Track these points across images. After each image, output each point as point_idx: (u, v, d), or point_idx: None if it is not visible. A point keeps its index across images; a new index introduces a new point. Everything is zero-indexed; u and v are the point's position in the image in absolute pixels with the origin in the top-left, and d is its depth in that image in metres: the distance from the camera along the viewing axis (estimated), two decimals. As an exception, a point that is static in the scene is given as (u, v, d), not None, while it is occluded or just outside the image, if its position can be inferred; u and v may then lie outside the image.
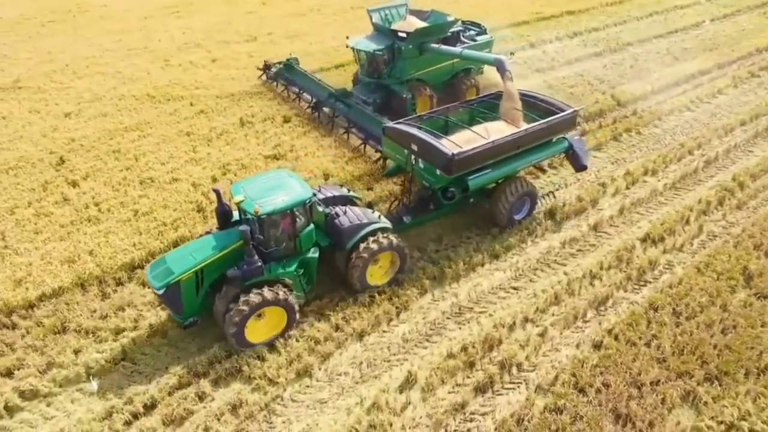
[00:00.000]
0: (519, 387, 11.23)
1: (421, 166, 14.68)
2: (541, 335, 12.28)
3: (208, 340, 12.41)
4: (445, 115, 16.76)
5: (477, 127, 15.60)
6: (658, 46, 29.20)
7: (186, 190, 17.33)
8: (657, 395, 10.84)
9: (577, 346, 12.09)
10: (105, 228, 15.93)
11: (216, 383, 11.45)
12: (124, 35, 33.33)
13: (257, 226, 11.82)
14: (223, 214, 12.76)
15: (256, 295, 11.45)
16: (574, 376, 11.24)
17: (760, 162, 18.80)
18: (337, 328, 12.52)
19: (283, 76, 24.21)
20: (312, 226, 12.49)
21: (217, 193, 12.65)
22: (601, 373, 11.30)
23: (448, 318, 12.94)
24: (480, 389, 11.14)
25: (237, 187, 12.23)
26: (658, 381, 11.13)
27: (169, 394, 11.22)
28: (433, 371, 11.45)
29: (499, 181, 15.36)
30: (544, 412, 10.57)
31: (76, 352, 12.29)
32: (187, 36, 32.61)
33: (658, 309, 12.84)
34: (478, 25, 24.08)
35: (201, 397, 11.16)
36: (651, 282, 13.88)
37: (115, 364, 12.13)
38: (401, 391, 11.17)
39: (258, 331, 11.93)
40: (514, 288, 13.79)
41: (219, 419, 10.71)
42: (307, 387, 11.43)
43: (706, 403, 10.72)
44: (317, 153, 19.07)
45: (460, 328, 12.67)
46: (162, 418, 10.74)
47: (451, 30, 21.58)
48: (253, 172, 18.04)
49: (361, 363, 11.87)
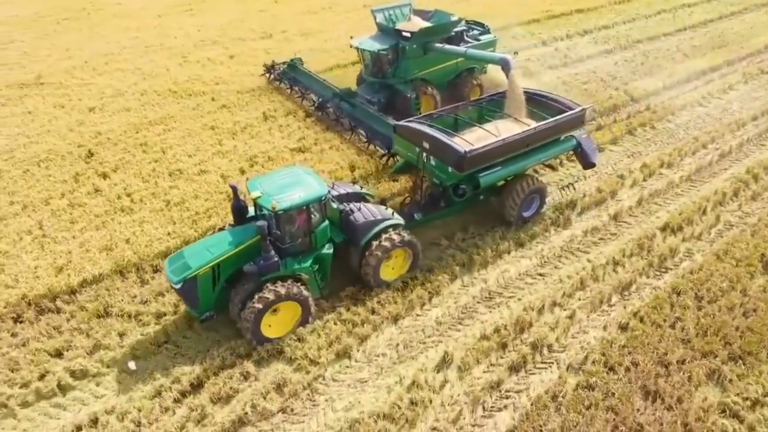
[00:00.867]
0: (551, 366, 11.72)
1: (432, 163, 14.87)
2: (570, 318, 12.77)
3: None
4: (455, 113, 16.91)
5: (487, 125, 15.83)
6: (667, 44, 29.70)
7: (215, 182, 17.80)
8: (683, 373, 11.32)
9: (605, 328, 12.58)
10: (139, 218, 16.39)
11: (258, 364, 11.91)
12: (140, 33, 33.79)
13: (274, 222, 11.96)
14: (238, 210, 12.84)
15: (272, 291, 11.64)
16: (603, 355, 11.73)
17: (773, 155, 19.32)
18: (372, 312, 12.99)
19: (288, 76, 24.30)
20: (327, 223, 12.65)
21: (234, 188, 12.84)
22: (629, 352, 11.79)
23: (478, 302, 13.42)
24: (514, 368, 11.63)
25: (253, 183, 12.37)
26: (684, 360, 11.62)
27: (215, 374, 11.66)
28: (467, 351, 11.94)
29: (508, 179, 15.56)
30: (576, 389, 11.07)
31: (121, 335, 12.75)
32: (203, 33, 33.08)
33: (680, 293, 13.33)
34: (482, 24, 24.09)
35: (245, 377, 11.62)
36: (672, 269, 14.37)
37: (158, 346, 12.58)
38: (438, 371, 11.66)
39: (273, 326, 12.14)
40: (541, 274, 14.28)
41: (265, 397, 11.16)
42: (347, 367, 11.90)
43: (731, 380, 11.21)
44: (341, 146, 19.52)
45: (491, 312, 13.16)
46: (210, 396, 11.20)
47: (455, 29, 21.67)
48: (280, 165, 18.53)
49: (397, 345, 12.35)
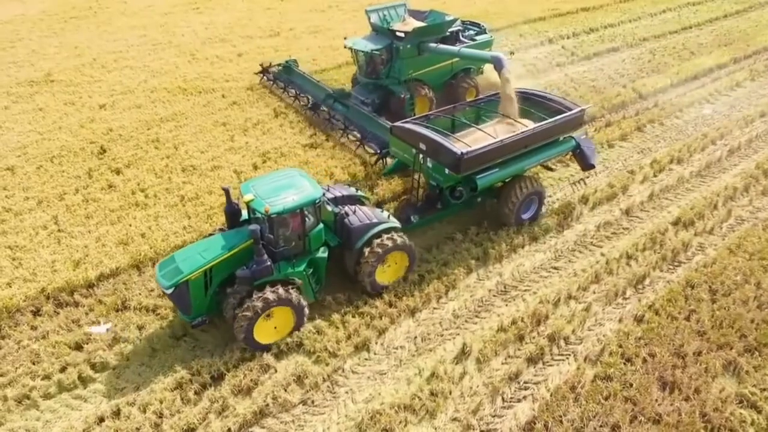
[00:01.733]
0: (568, 358, 11.82)
1: (429, 165, 14.64)
2: (586, 310, 12.88)
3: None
4: (452, 114, 16.67)
5: (485, 126, 15.65)
6: (674, 42, 29.83)
7: (229, 177, 17.89)
8: (700, 365, 11.43)
9: (620, 321, 12.69)
10: (154, 212, 16.48)
11: (278, 356, 12.00)
12: (147, 31, 33.87)
13: (267, 226, 11.67)
14: (231, 213, 12.61)
15: (265, 295, 11.43)
16: (620, 347, 11.84)
17: (783, 151, 19.44)
18: (390, 305, 13.09)
19: (282, 78, 24.07)
20: (321, 226, 12.41)
21: (226, 191, 12.49)
22: (645, 344, 11.90)
23: (494, 295, 13.53)
24: (532, 360, 11.73)
25: (247, 186, 12.07)
26: (700, 352, 11.72)
27: (235, 367, 11.74)
28: (485, 344, 12.04)
29: (506, 180, 15.30)
30: (594, 380, 11.17)
31: (140, 328, 12.84)
32: (210, 31, 33.17)
33: (694, 287, 13.44)
34: (478, 24, 23.82)
35: (265, 369, 11.70)
36: (685, 262, 14.48)
37: (177, 339, 12.67)
38: (457, 362, 11.76)
39: (267, 331, 11.94)
40: (555, 268, 14.39)
41: (285, 389, 11.25)
42: (366, 360, 12.00)
43: (747, 372, 11.31)
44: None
45: (507, 305, 13.26)
46: (231, 388, 11.28)
47: (450, 29, 21.35)
48: (292, 160, 18.64)
49: (415, 337, 12.44)
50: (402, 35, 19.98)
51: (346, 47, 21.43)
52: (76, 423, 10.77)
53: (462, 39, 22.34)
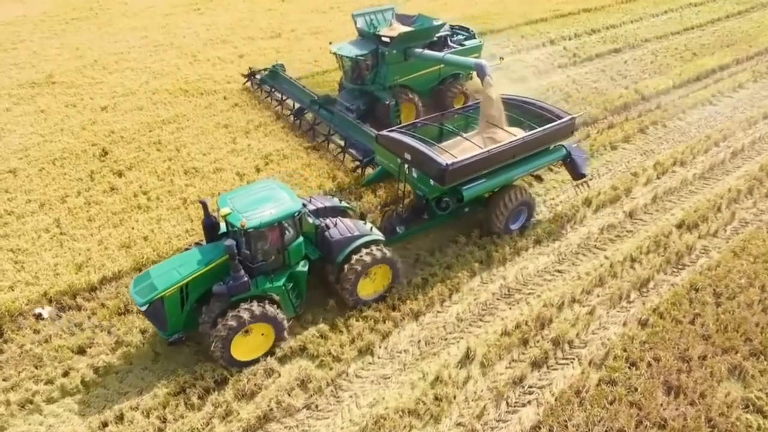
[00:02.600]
0: (573, 362, 11.79)
1: (414, 175, 14.36)
2: (590, 314, 12.84)
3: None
4: (440, 122, 16.34)
5: (473, 135, 15.34)
6: (675, 42, 29.78)
7: (231, 179, 17.86)
8: (705, 369, 11.40)
9: (624, 324, 12.66)
10: (156, 215, 16.45)
11: (282, 361, 11.98)
12: (148, 32, 33.83)
13: (244, 240, 11.45)
14: (210, 227, 12.28)
15: (242, 312, 11.16)
16: (624, 351, 11.81)
17: (786, 153, 19.40)
18: (393, 308, 13.06)
19: (268, 83, 23.73)
20: (301, 239, 12.12)
21: (204, 204, 12.24)
22: (650, 348, 11.87)
23: (498, 299, 13.50)
24: (536, 364, 11.70)
25: (224, 199, 11.87)
26: (705, 356, 11.69)
27: (238, 371, 11.69)
28: (490, 348, 12.01)
29: (495, 190, 15.02)
30: (599, 384, 11.14)
31: (143, 332, 12.79)
32: (212, 32, 33.14)
33: (699, 290, 13.40)
34: (467, 29, 23.53)
35: (269, 374, 11.68)
36: (689, 265, 14.44)
37: (181, 344, 12.65)
38: (461, 367, 11.73)
39: (245, 347, 11.65)
40: (559, 271, 14.35)
41: (289, 393, 11.23)
42: (370, 364, 11.97)
43: (753, 376, 11.28)
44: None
45: (511, 309, 13.23)
46: (234, 393, 11.26)
47: (438, 34, 21.03)
48: (295, 162, 18.62)
49: (419, 341, 12.41)
50: (387, 40, 19.62)
51: (331, 52, 21.12)
52: (79, 428, 10.75)
53: (450, 44, 21.98)
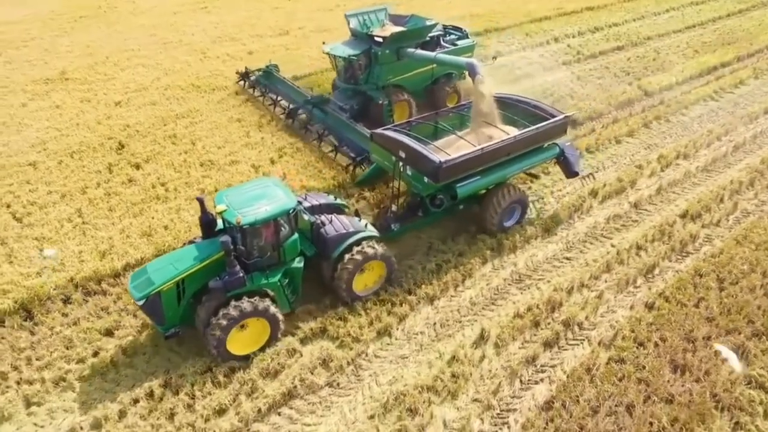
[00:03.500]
0: (583, 343, 12.29)
1: (409, 173, 14.50)
2: (598, 298, 13.36)
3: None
4: (434, 120, 16.58)
5: (466, 134, 15.57)
6: (678, 40, 30.35)
7: (247, 171, 18.35)
8: (710, 348, 11.90)
9: (631, 308, 13.16)
10: (175, 205, 16.91)
11: (303, 341, 12.46)
12: (157, 30, 34.31)
13: (239, 236, 11.66)
14: (207, 223, 12.51)
15: (237, 307, 11.38)
16: (632, 332, 12.31)
17: (787, 147, 19.95)
18: (409, 293, 13.55)
19: (262, 83, 23.92)
20: (296, 236, 12.34)
21: (201, 201, 12.45)
22: (656, 329, 12.37)
23: (509, 284, 14.00)
24: (548, 344, 12.20)
25: (220, 196, 12.11)
26: (710, 336, 12.20)
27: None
28: (503, 329, 12.51)
29: (489, 188, 15.18)
30: (609, 362, 11.64)
31: (168, 316, 13.27)
32: (220, 30, 33.64)
33: (702, 275, 13.91)
34: (460, 29, 23.71)
35: (291, 354, 12.15)
36: (693, 253, 14.96)
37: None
38: (476, 347, 12.22)
39: (241, 342, 11.86)
40: (567, 258, 14.87)
41: (312, 372, 11.70)
42: (388, 344, 12.46)
43: (755, 355, 11.78)
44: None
45: (522, 293, 13.73)
46: (259, 371, 11.71)
47: (431, 34, 21.28)
48: (309, 156, 19.09)
49: (434, 323, 12.92)
50: (380, 40, 19.88)
51: (324, 52, 21.32)
52: (111, 404, 11.17)
53: (443, 44, 22.12)
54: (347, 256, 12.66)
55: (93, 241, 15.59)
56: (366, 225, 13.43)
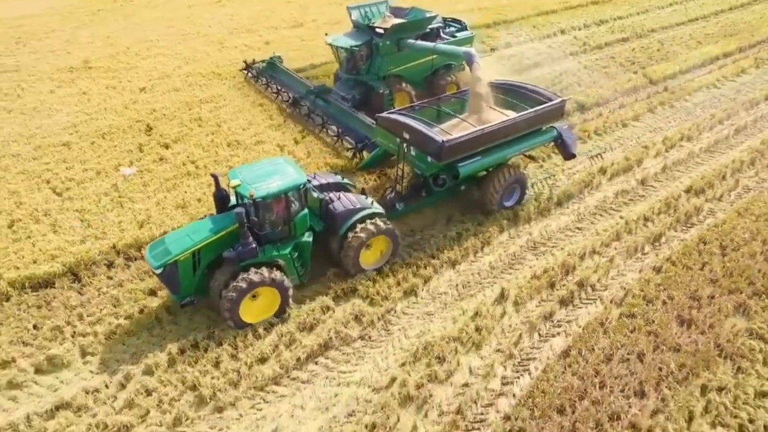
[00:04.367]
0: (596, 302, 13.22)
1: (413, 153, 15.12)
2: (609, 262, 14.29)
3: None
4: (437, 105, 17.35)
5: (468, 116, 16.21)
6: (681, 32, 31.27)
7: (272, 150, 19.27)
8: (713, 306, 12.83)
9: (640, 271, 14.10)
10: (206, 180, 17.75)
11: (336, 299, 13.40)
12: (173, 22, 35.24)
13: (252, 210, 12.26)
14: (221, 199, 13.13)
15: (250, 276, 11.94)
16: (642, 291, 13.25)
17: (786, 130, 20.88)
18: (432, 257, 14.50)
19: (266, 74, 24.64)
20: (306, 211, 12.93)
21: (215, 177, 13.10)
22: (664, 289, 13.31)
23: (525, 251, 14.95)
24: (563, 302, 13.14)
25: (234, 173, 12.74)
26: (713, 296, 13.13)
27: (297, 307, 13.12)
28: (521, 289, 13.46)
29: (489, 169, 15.82)
30: (620, 317, 12.58)
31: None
32: (236, 22, 34.58)
33: (706, 243, 14.85)
34: (459, 21, 24.23)
35: (325, 310, 13.09)
36: (697, 224, 15.89)
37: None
38: (497, 304, 13.17)
39: (253, 310, 12.44)
40: (579, 228, 15.81)
41: (345, 326, 12.64)
42: (414, 303, 13.40)
43: (756, 312, 12.72)
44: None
45: (538, 259, 14.67)
46: (296, 326, 12.64)
47: (431, 26, 21.85)
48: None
49: (457, 285, 13.86)
50: (381, 31, 20.55)
51: (326, 43, 22.00)
52: (160, 354, 12.07)
53: (443, 36, 22.69)
54: (356, 229, 13.35)
55: (131, 212, 16.50)
56: (372, 202, 14.07)
